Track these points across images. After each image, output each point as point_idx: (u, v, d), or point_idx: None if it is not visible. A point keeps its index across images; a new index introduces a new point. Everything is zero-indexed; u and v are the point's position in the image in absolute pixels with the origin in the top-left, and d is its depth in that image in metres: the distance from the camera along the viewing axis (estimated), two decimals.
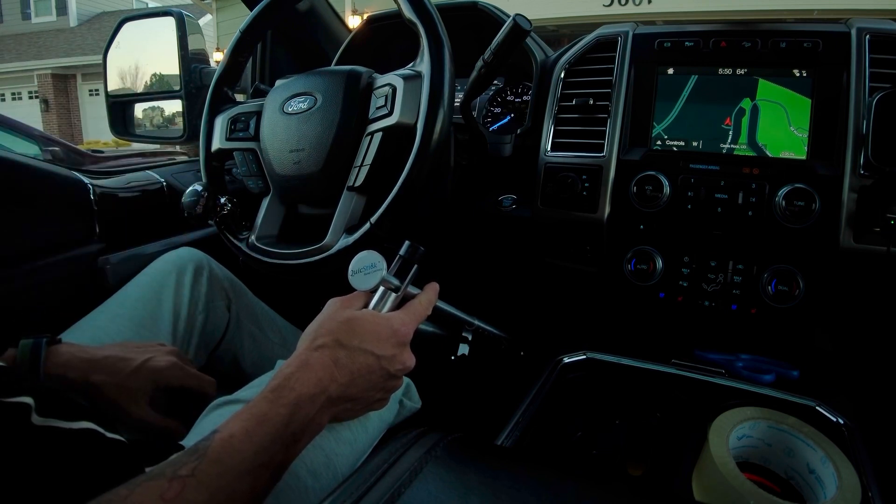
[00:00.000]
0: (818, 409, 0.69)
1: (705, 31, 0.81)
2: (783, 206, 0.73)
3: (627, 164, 0.82)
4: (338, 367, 0.45)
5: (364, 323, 0.48)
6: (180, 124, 1.08)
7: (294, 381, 0.43)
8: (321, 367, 0.44)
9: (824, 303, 0.75)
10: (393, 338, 0.49)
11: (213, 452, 0.37)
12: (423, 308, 0.54)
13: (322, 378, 0.44)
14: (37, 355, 0.53)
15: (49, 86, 13.81)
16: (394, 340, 0.49)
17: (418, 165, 0.64)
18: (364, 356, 0.47)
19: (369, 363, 0.47)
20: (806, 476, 0.58)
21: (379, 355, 0.47)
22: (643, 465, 0.67)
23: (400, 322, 0.50)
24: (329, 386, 0.44)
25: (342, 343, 0.46)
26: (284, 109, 0.75)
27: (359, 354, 0.46)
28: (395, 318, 0.51)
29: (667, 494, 0.56)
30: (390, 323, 0.50)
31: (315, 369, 0.44)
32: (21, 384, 0.42)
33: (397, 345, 0.49)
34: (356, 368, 0.46)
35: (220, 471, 0.36)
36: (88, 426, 0.43)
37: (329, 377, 0.44)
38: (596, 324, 0.97)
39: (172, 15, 1.03)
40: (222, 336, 0.80)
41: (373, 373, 0.47)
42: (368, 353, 0.47)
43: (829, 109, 0.74)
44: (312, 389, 0.43)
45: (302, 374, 0.43)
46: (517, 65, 1.01)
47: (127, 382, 0.55)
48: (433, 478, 0.37)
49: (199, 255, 0.79)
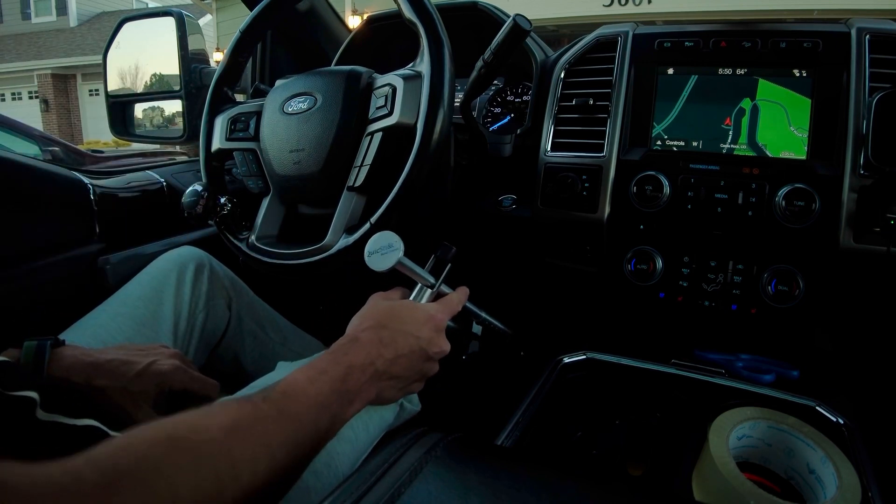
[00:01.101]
0: (818, 409, 0.69)
1: (705, 31, 0.81)
2: (783, 206, 0.73)
3: (627, 164, 0.82)
4: (383, 345, 0.49)
5: (404, 309, 0.54)
6: (180, 124, 1.08)
7: (346, 351, 0.47)
8: (369, 342, 0.49)
9: (824, 303, 0.75)
10: (430, 322, 0.54)
11: (280, 388, 0.40)
12: (456, 303, 0.61)
13: (370, 352, 0.48)
14: (41, 358, 0.53)
15: (49, 86, 13.81)
16: (431, 325, 0.54)
17: (418, 165, 0.64)
18: (405, 337, 0.51)
19: (410, 343, 0.51)
20: (806, 476, 0.58)
21: (418, 336, 0.52)
22: (643, 465, 0.67)
23: (436, 310, 0.57)
24: (376, 360, 0.48)
25: (385, 325, 0.51)
26: (284, 109, 0.75)
27: (400, 336, 0.51)
28: (430, 306, 0.57)
29: (667, 494, 0.56)
30: (427, 310, 0.55)
31: (364, 344, 0.48)
32: (26, 379, 0.42)
33: (434, 329, 0.54)
34: (399, 347, 0.50)
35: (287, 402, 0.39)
36: (92, 423, 0.43)
37: (376, 352, 0.48)
38: (596, 324, 0.97)
39: (172, 15, 1.03)
40: (223, 335, 0.80)
41: (413, 353, 0.51)
42: (409, 334, 0.52)
43: (829, 109, 0.74)
44: (363, 360, 0.47)
45: (352, 346, 0.48)
46: (517, 65, 1.01)
47: (131, 386, 0.56)
48: (433, 478, 0.37)
49: (200, 253, 0.79)
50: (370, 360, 0.47)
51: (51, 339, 0.55)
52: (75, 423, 0.42)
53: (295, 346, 0.86)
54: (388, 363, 0.49)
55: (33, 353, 0.53)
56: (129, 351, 0.59)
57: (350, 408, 0.45)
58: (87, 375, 0.54)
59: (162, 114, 1.17)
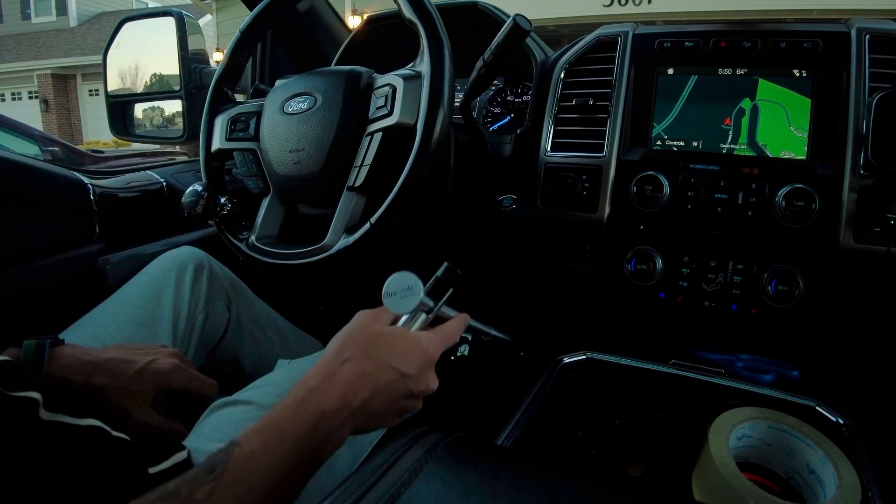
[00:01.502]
0: (818, 409, 0.69)
1: (705, 31, 0.81)
2: (783, 206, 0.73)
3: (627, 164, 0.82)
4: (363, 380, 0.44)
5: (393, 339, 0.48)
6: (180, 124, 1.08)
7: (318, 395, 0.42)
8: (346, 381, 0.44)
9: (824, 303, 0.75)
10: (420, 357, 0.48)
11: (231, 472, 0.36)
12: (453, 333, 0.54)
13: (346, 392, 0.43)
14: (40, 357, 0.53)
15: (49, 86, 13.81)
16: (421, 360, 0.48)
17: (418, 165, 0.64)
18: (389, 372, 0.46)
19: (394, 379, 0.46)
20: (806, 476, 0.58)
21: (405, 373, 0.47)
22: (643, 465, 0.67)
23: (429, 342, 0.50)
24: (352, 400, 0.43)
25: (370, 356, 0.46)
26: (284, 109, 0.75)
27: (385, 370, 0.46)
28: (424, 337, 0.50)
29: (667, 494, 0.56)
30: (419, 342, 0.49)
31: (340, 383, 0.43)
32: (28, 380, 0.42)
33: (423, 365, 0.49)
34: (380, 384, 0.45)
35: (236, 493, 0.36)
36: (95, 423, 0.43)
37: (353, 391, 0.43)
38: (596, 324, 0.97)
39: (172, 15, 1.03)
40: (222, 335, 0.80)
41: (396, 390, 0.46)
42: (394, 369, 0.46)
43: (829, 109, 0.74)
44: (336, 405, 0.42)
45: (327, 386, 0.43)
46: (517, 65, 1.01)
47: (130, 385, 0.56)
48: (433, 478, 0.37)
49: (200, 253, 0.79)
50: (345, 403, 0.43)
51: (50, 339, 0.55)
52: (79, 423, 0.42)
53: (294, 346, 0.86)
54: (364, 402, 0.44)
55: (33, 352, 0.53)
56: (129, 350, 0.59)
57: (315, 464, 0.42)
58: (86, 374, 0.54)
59: (162, 114, 1.17)
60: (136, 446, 0.44)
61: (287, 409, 0.41)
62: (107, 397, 0.55)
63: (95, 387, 0.54)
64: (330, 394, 0.42)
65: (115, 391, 0.55)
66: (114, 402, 0.55)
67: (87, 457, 0.40)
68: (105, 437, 0.43)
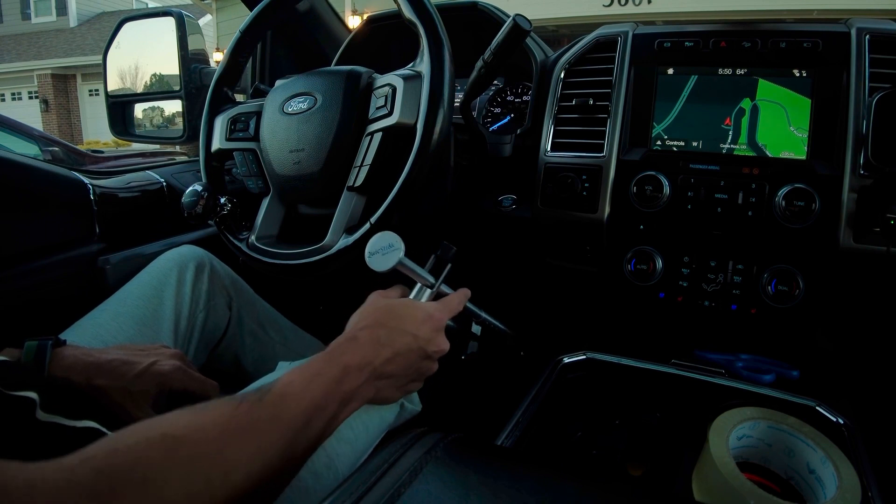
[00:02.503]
0: (818, 409, 0.69)
1: (705, 31, 0.81)
2: (783, 206, 0.73)
3: (627, 165, 0.82)
4: (381, 344, 0.49)
5: (403, 308, 0.54)
6: (180, 124, 1.08)
7: (342, 352, 0.46)
8: (367, 342, 0.48)
9: (824, 303, 0.75)
10: (429, 321, 0.54)
11: (276, 390, 0.40)
12: (456, 303, 0.60)
13: (367, 352, 0.47)
14: (42, 357, 0.53)
15: (49, 86, 13.81)
16: (430, 324, 0.54)
17: (418, 165, 0.64)
18: (403, 336, 0.51)
19: (408, 342, 0.51)
20: (806, 476, 0.58)
21: (417, 335, 0.52)
22: (643, 465, 0.67)
23: (435, 308, 0.56)
24: (374, 359, 0.48)
25: (384, 324, 0.51)
26: (284, 109, 0.75)
27: (399, 334, 0.51)
28: (430, 305, 0.56)
29: (667, 494, 0.56)
30: (426, 309, 0.55)
31: (362, 344, 0.48)
32: (26, 379, 0.42)
33: (433, 329, 0.54)
34: (397, 347, 0.50)
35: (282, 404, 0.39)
36: (91, 425, 0.43)
37: (373, 352, 0.48)
38: (596, 324, 0.97)
39: (172, 15, 1.03)
40: (223, 334, 0.80)
41: (411, 352, 0.51)
42: (407, 333, 0.51)
43: (829, 109, 0.74)
44: (360, 360, 0.46)
45: (350, 346, 0.48)
46: (517, 65, 1.01)
47: (131, 386, 0.56)
48: (433, 478, 0.37)
49: (201, 252, 0.79)
50: (367, 360, 0.47)
51: (52, 339, 0.55)
52: (75, 425, 0.42)
53: (295, 345, 0.86)
54: (385, 362, 0.48)
55: (34, 353, 0.53)
56: (130, 351, 0.59)
57: (346, 408, 0.45)
58: (88, 375, 0.54)
59: (162, 114, 1.17)
60: None
61: (319, 360, 0.45)
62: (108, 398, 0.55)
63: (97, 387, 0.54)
64: (353, 352, 0.47)
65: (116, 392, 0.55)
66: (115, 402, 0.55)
67: None
68: None
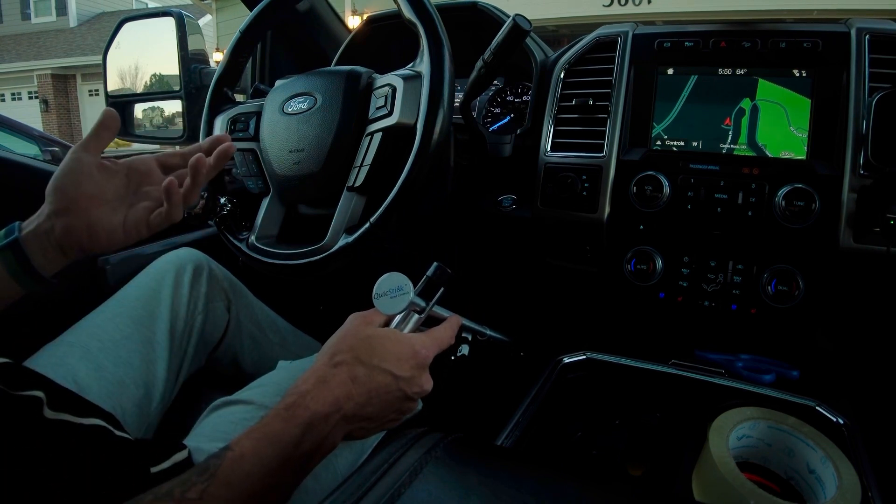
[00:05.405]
0: (818, 409, 0.69)
1: (705, 31, 0.81)
2: (783, 205, 0.73)
3: (627, 165, 0.82)
4: (355, 384, 0.44)
5: (385, 342, 0.48)
6: (180, 124, 1.08)
7: (310, 399, 0.42)
8: (338, 384, 0.44)
9: (824, 303, 0.75)
10: (413, 359, 0.48)
11: (222, 474, 0.36)
12: (447, 336, 0.54)
13: (339, 397, 0.43)
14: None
15: (49, 86, 13.81)
16: (413, 362, 0.48)
17: (418, 165, 0.64)
18: (382, 375, 0.46)
19: (387, 383, 0.46)
20: (806, 476, 0.58)
21: (398, 376, 0.46)
22: (643, 465, 0.67)
23: (421, 344, 0.49)
24: (345, 405, 0.43)
25: (362, 360, 0.45)
26: (284, 110, 0.75)
27: (377, 373, 0.45)
28: (416, 339, 0.50)
29: (667, 494, 0.56)
30: (412, 344, 0.49)
31: (332, 387, 0.43)
32: (32, 379, 0.42)
33: (417, 367, 0.48)
34: (374, 387, 0.45)
35: (228, 495, 0.36)
36: (98, 423, 0.43)
37: (346, 395, 0.43)
38: (596, 324, 0.97)
39: (172, 15, 1.03)
40: (222, 336, 0.80)
41: (390, 393, 0.46)
42: (387, 372, 0.46)
43: (829, 109, 0.74)
44: (328, 408, 0.42)
45: (318, 391, 0.43)
46: (517, 65, 1.01)
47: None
48: (433, 478, 0.37)
49: (199, 255, 0.79)
50: (337, 407, 0.43)
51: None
52: (82, 422, 0.42)
53: (294, 347, 0.86)
54: (358, 406, 0.44)
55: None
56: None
57: (306, 468, 0.41)
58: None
59: (162, 114, 1.17)
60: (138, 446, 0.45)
61: (278, 414, 0.41)
62: None
63: None
64: (321, 398, 0.42)
65: None
66: None
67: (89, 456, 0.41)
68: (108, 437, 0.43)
